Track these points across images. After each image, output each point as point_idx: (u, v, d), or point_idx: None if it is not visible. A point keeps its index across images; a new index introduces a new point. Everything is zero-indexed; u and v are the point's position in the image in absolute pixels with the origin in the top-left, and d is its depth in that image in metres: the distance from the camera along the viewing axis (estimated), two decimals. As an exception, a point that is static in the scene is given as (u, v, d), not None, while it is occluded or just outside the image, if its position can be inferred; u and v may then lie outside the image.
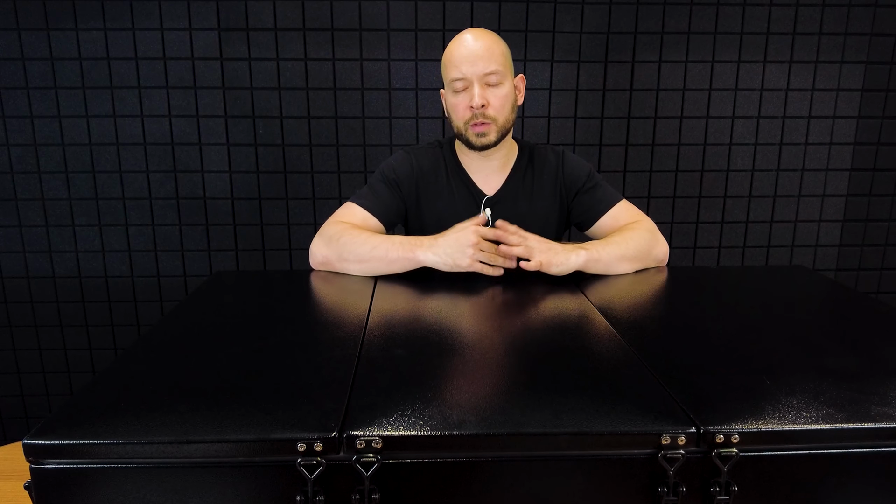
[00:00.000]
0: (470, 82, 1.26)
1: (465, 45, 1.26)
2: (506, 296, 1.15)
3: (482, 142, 1.30)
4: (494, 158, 1.37)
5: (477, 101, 1.25)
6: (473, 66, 1.24)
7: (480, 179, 1.38)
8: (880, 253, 2.18)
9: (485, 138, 1.29)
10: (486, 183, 1.38)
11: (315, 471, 0.64)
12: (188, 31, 1.93)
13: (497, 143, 1.32)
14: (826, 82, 2.04)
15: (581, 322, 1.00)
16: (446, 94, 1.33)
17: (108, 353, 2.16)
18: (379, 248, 1.21)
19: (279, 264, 2.11)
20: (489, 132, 1.29)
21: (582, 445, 0.67)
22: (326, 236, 1.28)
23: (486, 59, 1.25)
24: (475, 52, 1.25)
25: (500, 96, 1.28)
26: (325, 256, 1.27)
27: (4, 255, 2.06)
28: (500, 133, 1.30)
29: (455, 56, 1.26)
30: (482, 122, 1.28)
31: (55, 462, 0.65)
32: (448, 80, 1.29)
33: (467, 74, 1.25)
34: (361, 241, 1.23)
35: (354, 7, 1.93)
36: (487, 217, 1.30)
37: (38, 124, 1.98)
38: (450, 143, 1.43)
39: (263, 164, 2.03)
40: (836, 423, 0.67)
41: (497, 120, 1.28)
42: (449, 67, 1.28)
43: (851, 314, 1.04)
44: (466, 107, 1.27)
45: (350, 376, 0.78)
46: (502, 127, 1.30)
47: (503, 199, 1.37)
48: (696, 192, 2.10)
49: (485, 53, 1.25)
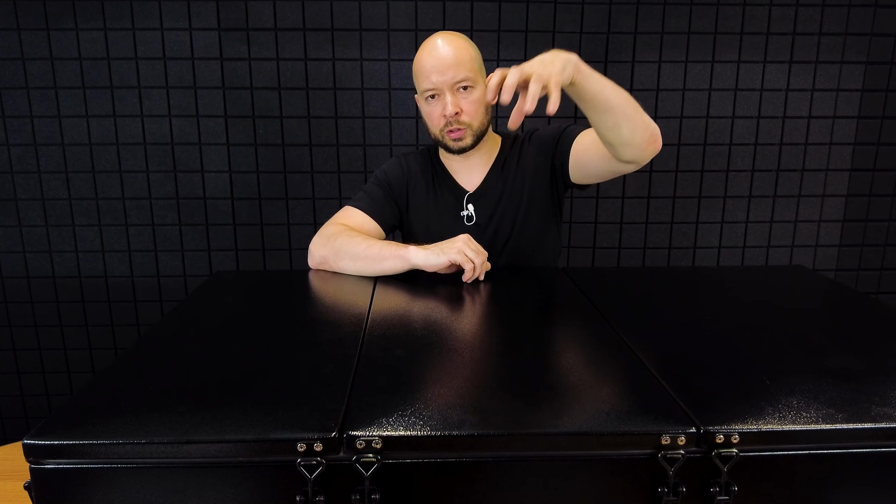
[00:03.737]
0: (441, 91, 1.27)
1: (434, 55, 1.26)
2: (506, 296, 1.15)
3: (459, 146, 1.32)
4: (475, 157, 1.40)
5: (450, 110, 1.26)
6: (443, 75, 1.25)
7: (463, 178, 1.41)
8: (880, 253, 2.18)
9: (461, 142, 1.32)
10: (469, 180, 1.41)
11: (315, 471, 0.64)
12: (188, 31, 1.93)
13: (475, 145, 1.34)
14: (826, 82, 2.04)
15: (581, 322, 1.00)
16: (420, 101, 1.35)
17: (108, 353, 2.16)
18: (373, 247, 1.24)
19: (279, 264, 2.11)
20: (465, 137, 1.31)
21: (582, 445, 0.67)
22: (325, 236, 1.31)
23: (456, 67, 1.25)
24: (444, 62, 1.25)
25: (473, 101, 1.29)
26: (322, 256, 1.29)
27: (4, 255, 2.06)
28: (476, 136, 1.33)
29: (425, 66, 1.27)
30: (457, 129, 1.29)
31: (55, 462, 0.65)
32: (420, 90, 1.31)
33: (438, 84, 1.26)
34: (357, 241, 1.26)
35: (354, 7, 1.93)
36: None
37: (38, 124, 1.98)
38: (436, 147, 1.45)
39: (263, 164, 2.03)
40: (836, 423, 0.67)
41: (472, 125, 1.30)
42: (420, 78, 1.29)
43: (851, 314, 1.04)
44: (440, 115, 1.29)
45: (350, 376, 0.78)
46: (477, 130, 1.32)
47: (484, 193, 1.39)
48: (696, 193, 2.10)
49: (453, 61, 1.24)
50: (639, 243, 2.13)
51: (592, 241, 2.13)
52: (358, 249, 1.24)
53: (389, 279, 1.22)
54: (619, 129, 1.11)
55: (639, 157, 1.17)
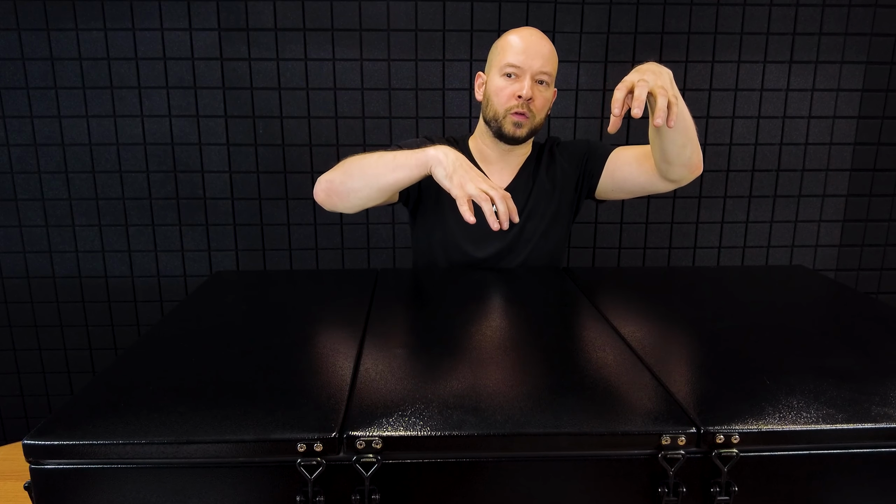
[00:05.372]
0: (524, 73, 1.28)
1: (530, 39, 1.29)
2: (506, 296, 1.15)
3: (516, 133, 1.32)
4: (513, 154, 1.41)
5: (526, 92, 1.27)
6: (533, 60, 1.27)
7: (493, 173, 1.41)
8: (880, 253, 2.18)
9: (520, 129, 1.32)
10: (500, 176, 1.41)
11: (315, 471, 0.64)
12: (188, 32, 1.93)
13: (525, 140, 1.35)
14: (826, 82, 2.04)
15: (581, 322, 1.00)
16: (491, 76, 1.33)
17: (108, 353, 2.16)
18: (385, 155, 1.19)
19: (279, 264, 2.11)
20: (525, 125, 1.32)
21: (582, 446, 0.67)
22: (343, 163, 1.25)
23: (545, 60, 1.28)
24: (538, 49, 1.28)
25: (544, 97, 1.32)
26: (328, 180, 1.23)
27: (4, 255, 2.06)
28: (532, 131, 1.34)
29: (518, 44, 1.28)
30: (523, 114, 1.30)
31: (55, 462, 0.65)
32: (501, 63, 1.30)
33: (524, 65, 1.27)
34: (367, 156, 1.21)
35: (354, 7, 1.93)
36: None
37: (38, 124, 1.98)
38: (464, 139, 1.46)
39: (263, 164, 2.03)
40: (836, 424, 0.67)
41: (535, 117, 1.32)
42: (508, 51, 1.29)
43: (851, 314, 1.04)
44: (513, 94, 1.29)
45: (350, 376, 0.78)
46: (535, 126, 1.34)
47: (514, 191, 1.39)
48: (696, 192, 2.10)
49: (546, 54, 1.29)
50: (639, 243, 2.13)
51: (592, 241, 2.13)
52: (369, 161, 1.19)
53: (389, 280, 1.22)
54: (685, 149, 1.19)
55: (685, 177, 1.26)
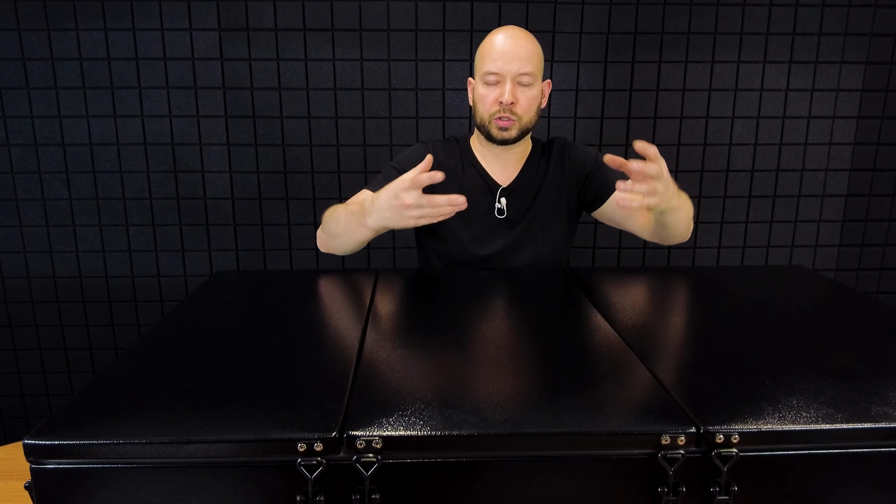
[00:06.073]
0: (503, 78, 1.29)
1: (505, 43, 1.29)
2: (506, 296, 1.15)
3: (503, 136, 1.33)
4: (511, 152, 1.41)
5: (507, 98, 1.28)
6: (510, 63, 1.27)
7: (496, 171, 1.42)
8: (880, 253, 2.18)
9: (506, 133, 1.33)
10: (502, 174, 1.42)
11: (315, 471, 0.64)
12: (188, 32, 1.93)
13: (516, 141, 1.36)
14: (826, 82, 2.04)
15: (581, 322, 1.00)
16: (476, 83, 1.35)
17: (108, 353, 2.16)
18: (340, 222, 1.26)
19: (279, 264, 2.11)
20: (511, 128, 1.33)
21: (582, 446, 0.67)
22: (324, 220, 1.34)
23: (523, 60, 1.28)
24: (514, 51, 1.28)
25: (529, 97, 1.32)
26: (321, 239, 1.36)
27: (4, 255, 2.06)
28: (522, 131, 1.34)
29: (494, 50, 1.29)
30: (507, 118, 1.31)
31: (55, 462, 0.65)
32: (481, 72, 1.32)
33: (502, 70, 1.28)
34: (335, 219, 1.28)
35: (354, 7, 1.93)
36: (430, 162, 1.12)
37: (38, 124, 1.98)
38: (465, 139, 1.46)
39: (263, 164, 2.03)
40: (836, 423, 0.67)
41: (521, 119, 1.33)
42: (485, 59, 1.31)
43: (851, 314, 1.04)
44: (495, 101, 1.31)
45: (350, 376, 0.78)
46: (525, 126, 1.34)
47: (517, 189, 1.40)
48: (697, 193, 2.10)
49: (523, 54, 1.28)
50: (639, 243, 2.13)
51: (592, 241, 2.13)
52: (337, 228, 1.27)
53: (389, 280, 1.22)
54: (678, 228, 1.27)
55: (672, 243, 1.35)
